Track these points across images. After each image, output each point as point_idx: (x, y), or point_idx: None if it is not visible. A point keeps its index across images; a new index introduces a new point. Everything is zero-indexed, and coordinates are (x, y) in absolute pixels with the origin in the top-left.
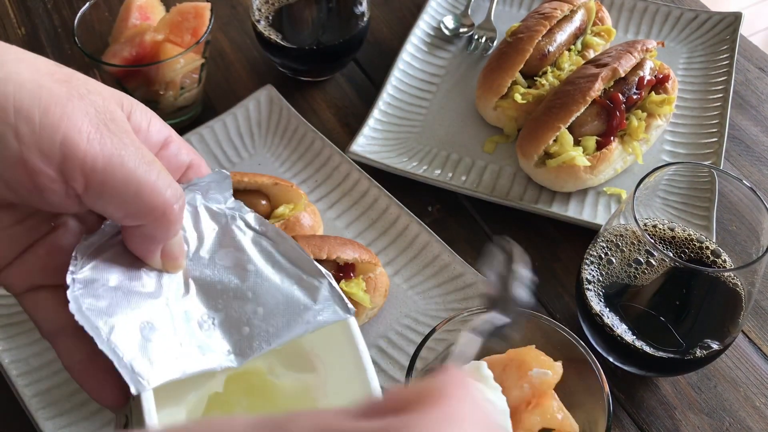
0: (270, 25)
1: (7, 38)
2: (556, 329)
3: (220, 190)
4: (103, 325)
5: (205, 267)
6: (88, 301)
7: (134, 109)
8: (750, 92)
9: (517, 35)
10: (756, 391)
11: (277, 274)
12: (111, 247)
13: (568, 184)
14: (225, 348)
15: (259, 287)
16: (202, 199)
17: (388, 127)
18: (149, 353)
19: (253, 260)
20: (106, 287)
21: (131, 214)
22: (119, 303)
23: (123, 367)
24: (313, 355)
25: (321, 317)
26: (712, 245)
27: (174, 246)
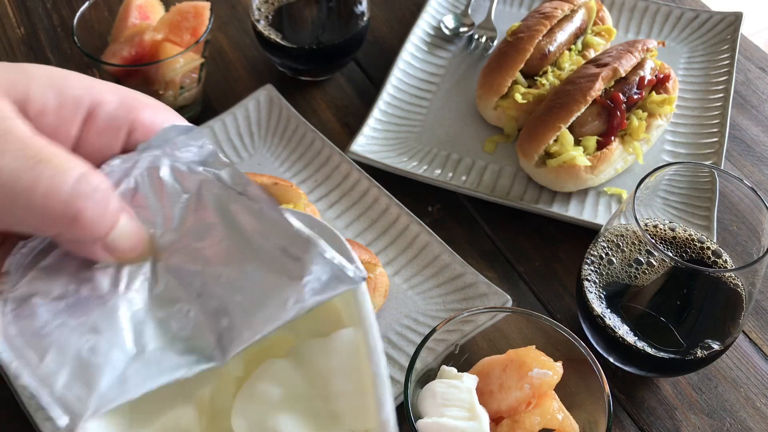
0: (270, 25)
1: (6, 38)
2: (557, 329)
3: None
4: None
5: (175, 250)
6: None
7: (32, 88)
8: (751, 92)
9: (518, 35)
10: (756, 391)
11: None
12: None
13: (569, 184)
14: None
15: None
16: (168, 159)
17: (388, 126)
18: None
19: (230, 234)
20: (45, 300)
21: (37, 227)
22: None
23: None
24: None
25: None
26: (712, 245)
27: (119, 239)
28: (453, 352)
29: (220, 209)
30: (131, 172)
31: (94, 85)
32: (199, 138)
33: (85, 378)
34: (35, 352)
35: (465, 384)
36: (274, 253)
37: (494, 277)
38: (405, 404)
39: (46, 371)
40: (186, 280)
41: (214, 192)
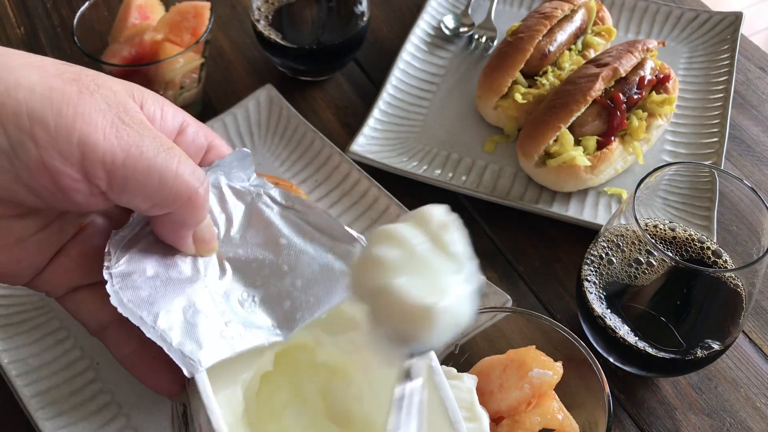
0: (270, 25)
1: (6, 38)
2: (557, 329)
3: (242, 168)
4: (147, 314)
5: (238, 247)
6: (128, 293)
7: (146, 98)
8: (751, 92)
9: (518, 35)
10: (757, 391)
11: (309, 244)
12: (142, 238)
13: (569, 184)
14: (269, 323)
15: (294, 259)
16: (226, 179)
17: (388, 126)
18: (197, 336)
19: (284, 234)
20: (143, 278)
21: (157, 204)
22: (159, 291)
23: (173, 353)
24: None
25: None
26: (713, 245)
27: (204, 230)
28: (453, 352)
29: (274, 217)
30: None
31: (182, 110)
32: (250, 166)
33: (191, 338)
34: (148, 315)
35: (465, 384)
36: (324, 249)
37: (494, 277)
38: None
39: (162, 329)
40: (249, 271)
41: (266, 205)
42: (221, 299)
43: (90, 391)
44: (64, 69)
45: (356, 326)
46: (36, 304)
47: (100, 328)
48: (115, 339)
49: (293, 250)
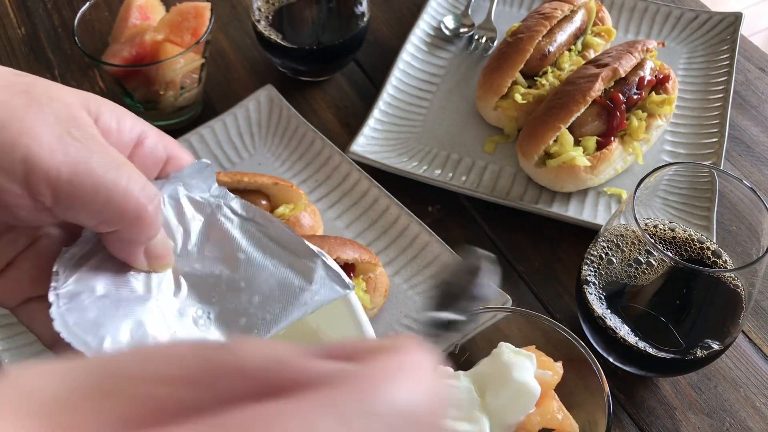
0: (270, 25)
1: (7, 38)
2: (556, 329)
3: (202, 179)
4: (92, 338)
5: (195, 261)
6: (74, 315)
7: (102, 110)
8: (750, 92)
9: (518, 35)
10: (756, 391)
11: (268, 259)
12: (94, 254)
13: (569, 184)
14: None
15: (252, 275)
16: (185, 190)
17: (388, 127)
18: None
19: (243, 248)
20: (92, 298)
21: (105, 222)
22: (108, 312)
23: None
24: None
25: (318, 297)
26: (712, 245)
27: (157, 246)
28: (453, 352)
29: (233, 229)
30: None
31: (142, 121)
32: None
33: None
34: (94, 339)
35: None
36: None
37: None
38: None
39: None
40: (205, 287)
41: (226, 217)
42: (174, 318)
43: None
44: (14, 80)
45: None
46: None
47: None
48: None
49: (251, 265)
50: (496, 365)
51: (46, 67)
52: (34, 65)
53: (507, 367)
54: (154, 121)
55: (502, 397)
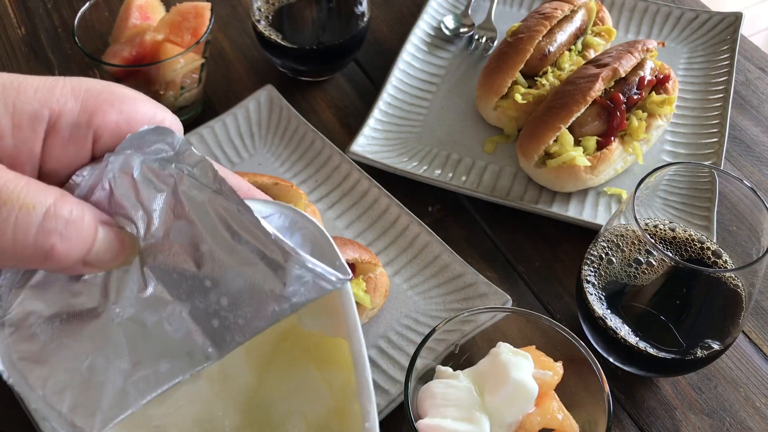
0: (270, 25)
1: (7, 38)
2: (556, 329)
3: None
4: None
5: (159, 251)
6: (21, 347)
7: None
8: (750, 92)
9: (518, 35)
10: (756, 391)
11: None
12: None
13: (569, 185)
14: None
15: (217, 274)
16: (140, 157)
17: (389, 127)
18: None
19: (206, 239)
20: (40, 320)
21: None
22: (57, 337)
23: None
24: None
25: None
26: (713, 246)
27: (99, 254)
28: (453, 352)
29: (198, 210)
30: (104, 176)
31: (52, 94)
32: (166, 133)
33: (87, 399)
34: (39, 376)
35: (462, 383)
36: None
37: (494, 277)
38: (405, 404)
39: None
40: (173, 282)
41: (190, 190)
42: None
43: None
44: None
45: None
46: None
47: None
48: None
49: (215, 262)
50: (494, 365)
51: (46, 67)
52: (34, 65)
53: (505, 366)
54: None
55: (500, 396)
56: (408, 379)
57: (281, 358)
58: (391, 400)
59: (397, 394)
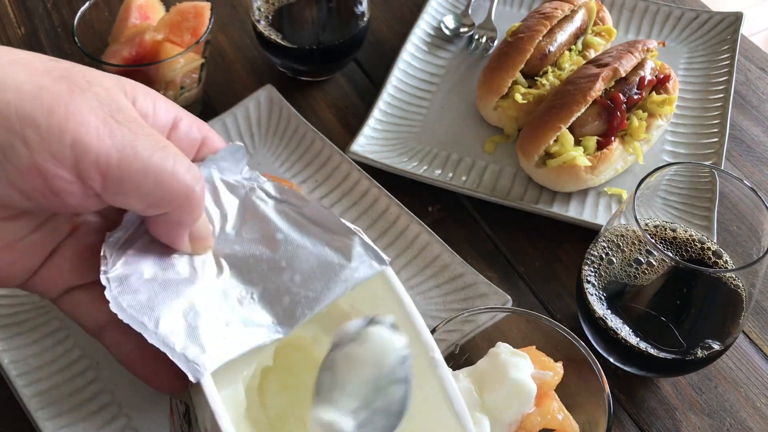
0: (270, 25)
1: (7, 38)
2: (556, 329)
3: (235, 162)
4: (148, 319)
5: (234, 243)
6: (127, 297)
7: (138, 94)
8: (751, 92)
9: (518, 35)
10: (757, 391)
11: (306, 238)
12: (138, 238)
13: (569, 185)
14: (269, 320)
15: (292, 254)
16: (219, 173)
17: (388, 127)
18: (199, 339)
19: (281, 228)
20: (141, 280)
21: (154, 204)
22: (158, 294)
23: (177, 358)
24: (354, 312)
25: (358, 274)
26: (713, 246)
27: (200, 228)
28: (453, 352)
29: (269, 211)
30: None
31: (175, 104)
32: (243, 159)
33: (195, 340)
34: (149, 320)
35: (462, 383)
36: (321, 242)
37: (494, 277)
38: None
39: (164, 334)
40: (247, 268)
41: (260, 199)
42: (220, 298)
43: (90, 391)
44: (53, 66)
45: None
46: (36, 304)
47: (98, 328)
48: (114, 339)
49: (290, 245)
50: (493, 365)
51: None
52: None
53: (504, 366)
54: None
55: (499, 396)
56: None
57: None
58: None
59: None
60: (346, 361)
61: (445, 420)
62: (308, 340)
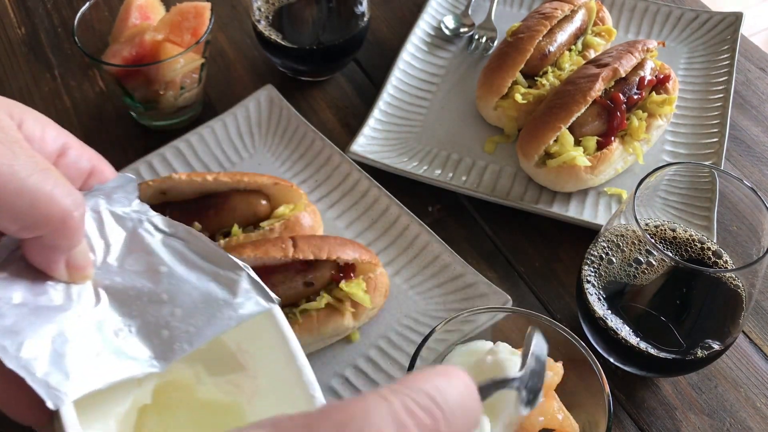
0: (270, 25)
1: (7, 38)
2: (557, 329)
3: (125, 193)
4: (10, 343)
5: (115, 274)
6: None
7: (26, 118)
8: (751, 92)
9: (518, 35)
10: (756, 391)
11: (191, 272)
12: (12, 263)
13: (569, 185)
14: (146, 354)
15: (174, 288)
16: (107, 204)
17: (389, 127)
18: (64, 366)
19: (165, 261)
20: (9, 306)
21: (28, 226)
22: (26, 319)
23: (37, 383)
24: (240, 352)
25: (243, 310)
26: (713, 246)
27: (78, 255)
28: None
29: (156, 244)
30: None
31: (66, 132)
32: (133, 191)
33: (60, 367)
34: (12, 344)
35: None
36: (207, 277)
37: (494, 277)
38: None
39: (26, 359)
40: (126, 299)
41: (148, 232)
42: (94, 329)
43: None
44: None
45: (241, 367)
46: None
47: None
48: None
49: (174, 278)
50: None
51: (46, 67)
52: (34, 65)
53: (502, 366)
54: (154, 121)
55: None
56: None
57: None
58: None
59: None
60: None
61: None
62: (190, 379)
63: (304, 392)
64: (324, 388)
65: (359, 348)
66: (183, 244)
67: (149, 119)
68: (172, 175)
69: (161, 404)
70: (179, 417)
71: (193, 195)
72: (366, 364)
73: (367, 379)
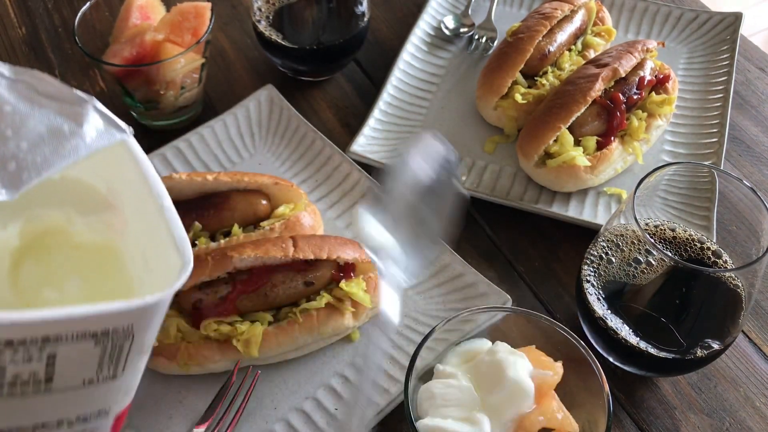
0: (270, 25)
1: (7, 38)
2: (556, 329)
3: None
4: None
5: None
6: None
7: None
8: (750, 92)
9: (518, 35)
10: (756, 391)
11: (37, 109)
12: None
13: (569, 184)
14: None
15: (19, 124)
16: None
17: (389, 127)
18: None
19: (9, 101)
20: None
21: None
22: None
23: None
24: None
25: (92, 141)
26: (713, 246)
27: None
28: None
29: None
30: None
31: None
32: None
33: None
34: None
35: (461, 382)
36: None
37: (494, 277)
38: (405, 404)
39: None
40: None
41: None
42: None
43: None
44: None
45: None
46: None
47: None
48: None
49: (18, 115)
50: (491, 364)
51: (46, 66)
52: (34, 65)
53: (501, 365)
54: (154, 120)
55: (497, 395)
56: (408, 379)
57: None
58: (391, 399)
59: (397, 394)
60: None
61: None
62: (62, 223)
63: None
64: (324, 387)
65: (359, 347)
66: (29, 87)
67: (150, 119)
68: (172, 175)
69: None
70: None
71: (194, 194)
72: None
73: None
